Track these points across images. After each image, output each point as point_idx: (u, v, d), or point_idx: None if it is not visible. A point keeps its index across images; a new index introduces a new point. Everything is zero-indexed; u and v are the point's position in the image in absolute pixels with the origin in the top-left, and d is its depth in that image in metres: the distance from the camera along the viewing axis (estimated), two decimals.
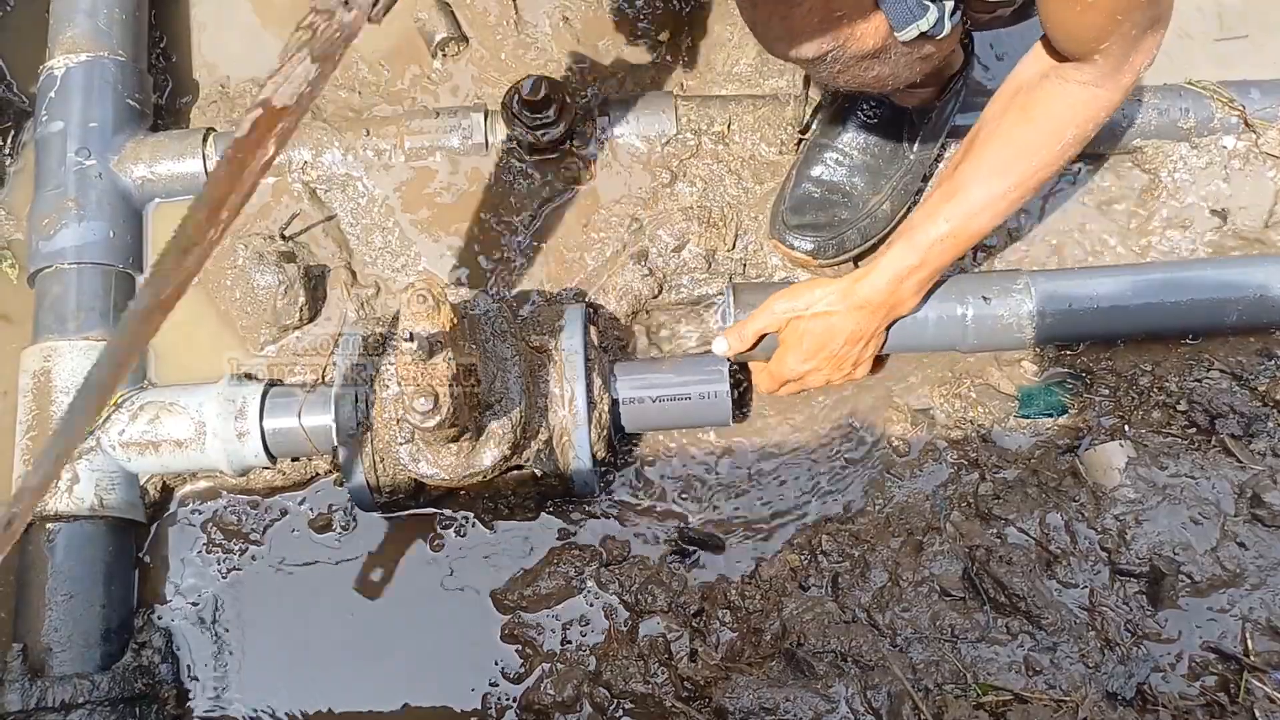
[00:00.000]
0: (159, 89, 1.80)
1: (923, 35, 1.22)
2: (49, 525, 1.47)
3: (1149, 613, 1.46)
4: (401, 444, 1.36)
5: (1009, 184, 1.31)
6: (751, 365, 1.58)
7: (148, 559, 1.58)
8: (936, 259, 1.38)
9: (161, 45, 1.85)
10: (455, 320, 1.24)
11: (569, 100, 1.65)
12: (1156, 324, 1.58)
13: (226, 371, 1.58)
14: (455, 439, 1.33)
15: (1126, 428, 1.56)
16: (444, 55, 1.82)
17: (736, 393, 1.57)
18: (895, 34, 1.21)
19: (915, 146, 1.60)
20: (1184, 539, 1.48)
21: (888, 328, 1.49)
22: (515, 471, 1.45)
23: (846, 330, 1.44)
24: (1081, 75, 1.23)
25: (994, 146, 1.31)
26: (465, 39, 1.82)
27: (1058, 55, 1.24)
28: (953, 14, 1.24)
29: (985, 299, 1.51)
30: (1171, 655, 1.44)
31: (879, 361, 1.56)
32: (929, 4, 1.19)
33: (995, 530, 1.51)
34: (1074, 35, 1.19)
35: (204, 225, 1.47)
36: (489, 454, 1.36)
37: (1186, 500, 1.50)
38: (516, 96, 1.62)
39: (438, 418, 1.21)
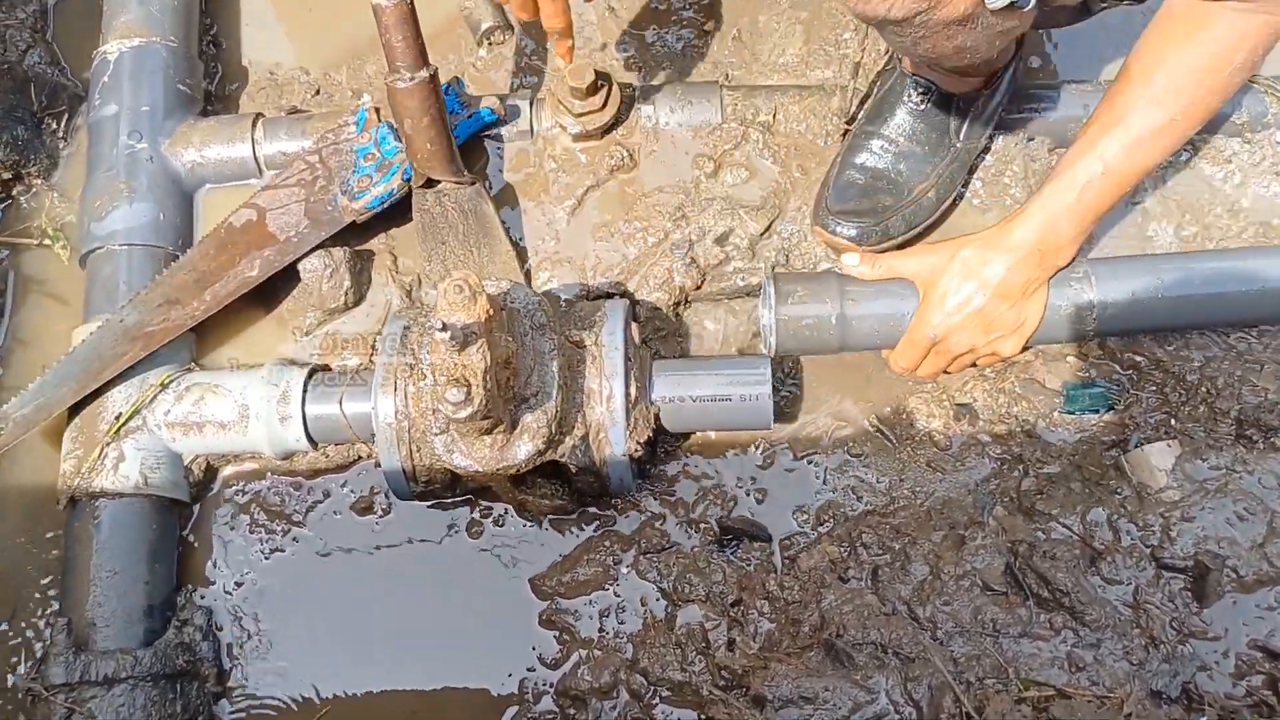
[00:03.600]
0: (209, 75, 1.82)
1: (1011, 5, 1.20)
2: (95, 502, 1.49)
3: (1194, 610, 1.43)
4: (436, 434, 1.36)
5: (1173, 114, 1.23)
6: (890, 358, 1.54)
7: (191, 538, 1.59)
8: (1095, 198, 1.30)
9: (212, 32, 1.87)
10: (492, 312, 1.23)
11: (615, 89, 1.66)
12: (1225, 314, 1.53)
13: (271, 356, 1.60)
14: (489, 431, 1.32)
15: (1173, 421, 1.54)
16: (489, 43, 1.82)
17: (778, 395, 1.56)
18: (986, 4, 1.20)
19: (962, 135, 1.58)
20: (1229, 534, 1.45)
21: (1047, 286, 1.39)
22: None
23: (996, 279, 1.35)
24: (1244, 2, 1.15)
25: (1156, 75, 1.23)
26: (510, 27, 1.83)
27: None
28: None
29: (1045, 289, 1.46)
30: (1218, 653, 1.42)
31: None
32: None
33: (1039, 525, 1.49)
34: None
35: (189, 287, 1.55)
36: (523, 447, 1.35)
37: (1232, 495, 1.47)
38: (563, 84, 1.62)
39: (470, 409, 1.21)
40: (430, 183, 1.58)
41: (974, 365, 1.52)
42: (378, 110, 1.62)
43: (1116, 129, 1.26)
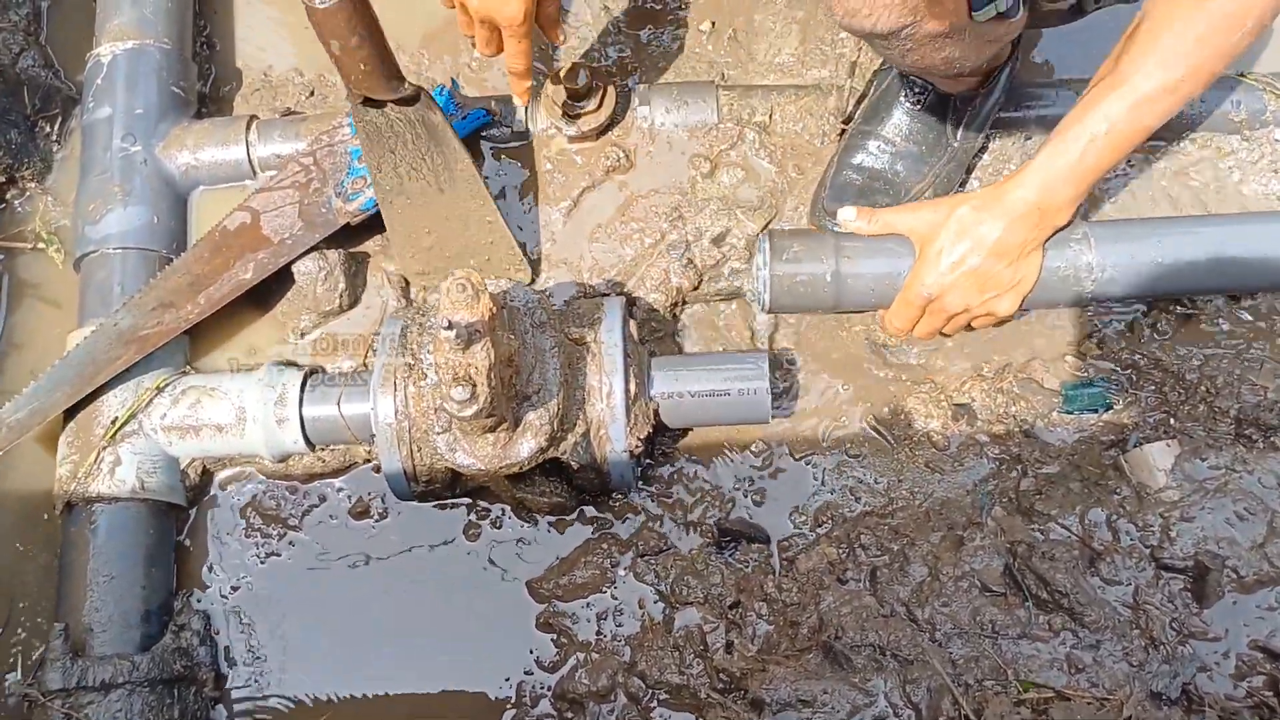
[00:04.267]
0: (203, 77, 1.82)
1: (998, 15, 1.19)
2: (92, 507, 1.48)
3: (1194, 610, 1.43)
4: (439, 433, 1.36)
5: (1179, 75, 1.21)
6: (885, 320, 1.52)
7: (187, 542, 1.59)
8: (1095, 158, 1.28)
9: (205, 34, 1.87)
10: (494, 310, 1.24)
11: (610, 89, 1.65)
12: (1228, 281, 1.51)
13: (267, 358, 1.60)
14: (492, 429, 1.33)
15: (1172, 421, 1.53)
16: None
17: (775, 391, 1.56)
18: (973, 14, 1.19)
19: (959, 135, 1.58)
20: (1229, 534, 1.45)
21: (1043, 247, 1.39)
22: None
23: (992, 238, 1.34)
24: None
25: (1163, 35, 1.21)
26: None
27: None
28: None
29: (1041, 250, 1.43)
30: (1218, 654, 1.42)
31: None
32: None
33: (1037, 526, 1.48)
34: None
35: (183, 290, 1.54)
36: (526, 445, 1.35)
37: (1232, 495, 1.47)
38: (558, 85, 1.62)
39: (475, 407, 1.21)
40: (370, 101, 1.46)
41: (969, 327, 1.50)
42: None
43: (1122, 88, 1.24)
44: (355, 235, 1.66)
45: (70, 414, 1.53)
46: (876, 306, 1.54)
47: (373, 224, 1.63)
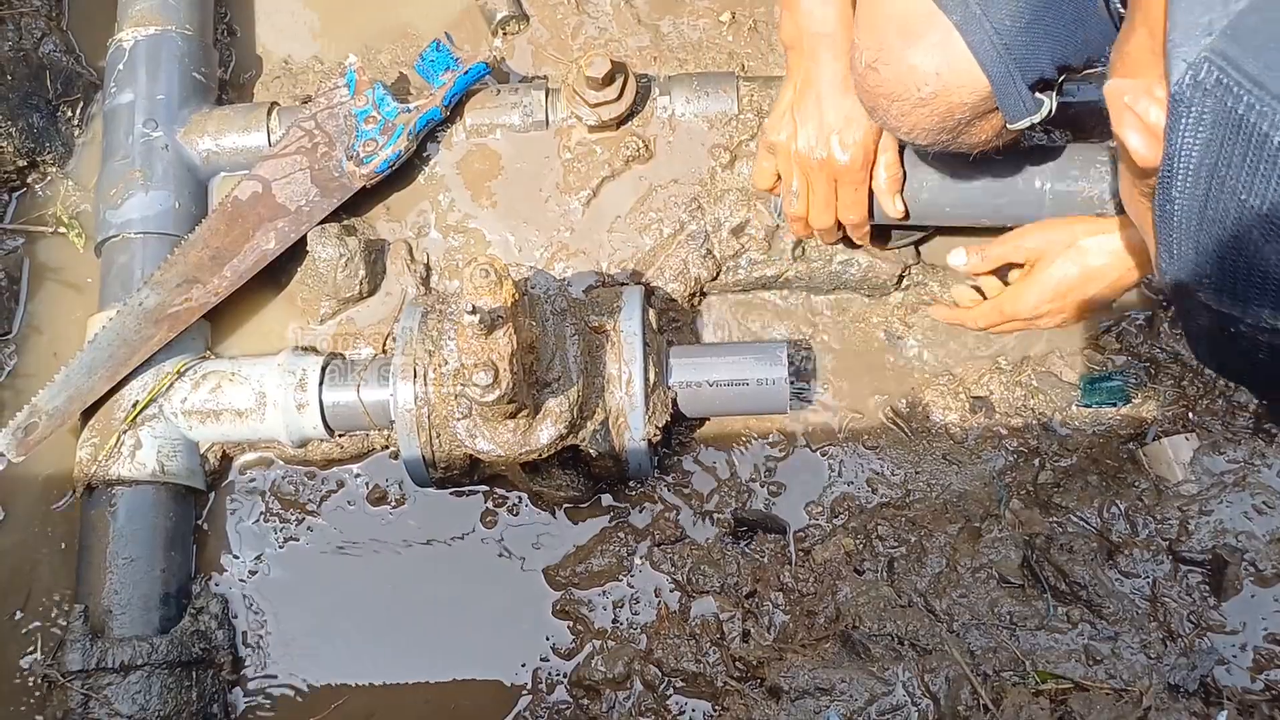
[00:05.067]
0: (223, 64, 1.82)
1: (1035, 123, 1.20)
2: (112, 490, 1.49)
3: (1212, 604, 1.43)
4: (459, 419, 1.36)
5: None
6: (946, 312, 1.47)
7: (206, 526, 1.59)
8: None
9: (226, 20, 1.87)
10: (516, 296, 1.24)
11: (630, 79, 1.65)
12: None
13: (288, 343, 1.60)
14: (513, 415, 1.33)
15: (1191, 414, 1.53)
16: (504, 33, 1.82)
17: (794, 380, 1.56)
18: (1008, 126, 1.20)
19: None
20: (1247, 528, 1.45)
21: None
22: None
23: (1094, 271, 1.31)
24: None
25: None
26: (526, 17, 1.83)
27: None
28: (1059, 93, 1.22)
29: (1067, 172, 1.41)
30: (1236, 647, 1.42)
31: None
32: (1043, 98, 1.17)
33: (1055, 518, 1.49)
34: None
35: (206, 265, 1.53)
36: (546, 432, 1.36)
37: (1250, 488, 1.47)
38: (579, 74, 1.62)
39: (497, 392, 1.21)
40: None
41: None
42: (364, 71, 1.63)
43: None
44: (372, 211, 1.68)
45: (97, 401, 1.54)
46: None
47: (386, 188, 1.64)
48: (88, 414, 1.54)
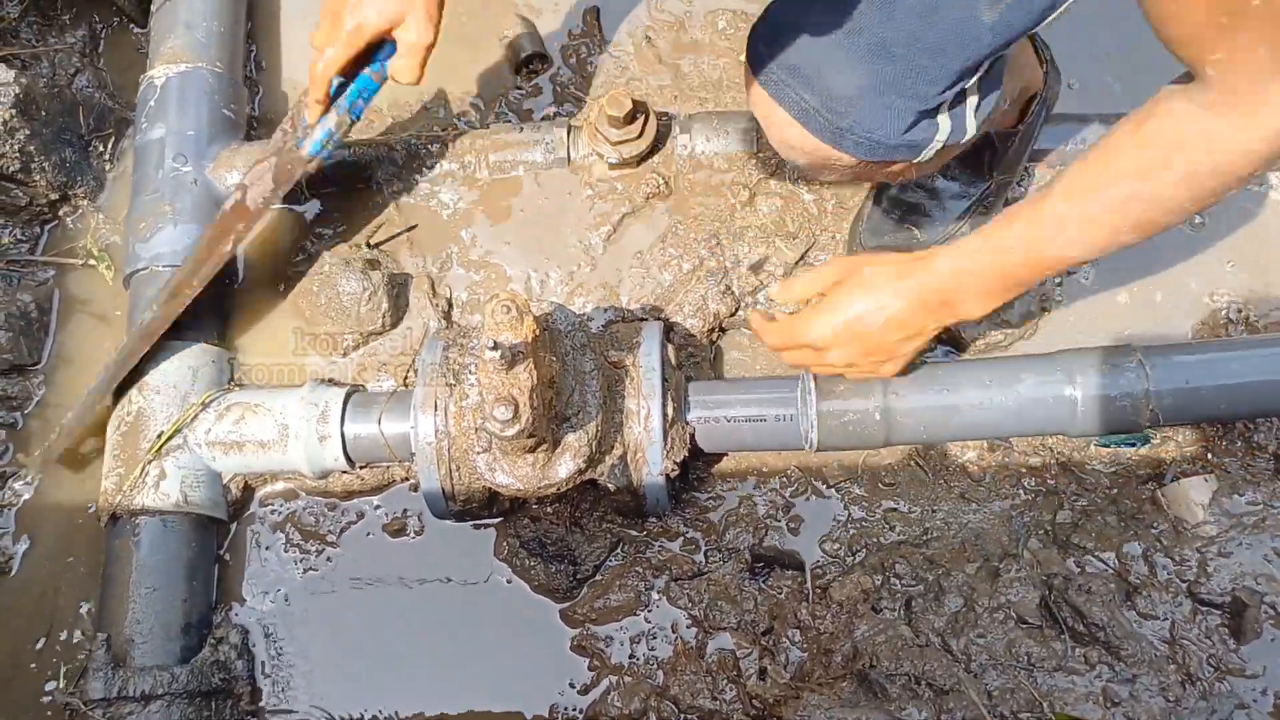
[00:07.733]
0: (251, 99, 1.85)
1: (945, 146, 1.22)
2: (136, 519, 1.51)
3: (1232, 647, 1.42)
4: (479, 453, 1.38)
5: (1098, 208, 1.09)
6: (755, 319, 1.41)
7: (228, 556, 1.61)
8: (1011, 270, 1.18)
9: (254, 56, 1.90)
10: (537, 332, 1.25)
11: (651, 117, 1.67)
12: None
13: (310, 376, 1.62)
14: (532, 450, 1.34)
15: (1210, 456, 1.53)
16: (528, 72, 1.85)
17: None
18: (915, 160, 1.23)
19: (996, 170, 1.59)
20: (1267, 570, 1.45)
21: (942, 333, 1.30)
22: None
23: (891, 311, 1.25)
24: (1195, 96, 0.99)
25: (1093, 160, 1.10)
26: (548, 57, 1.85)
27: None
28: (979, 109, 1.24)
29: (1094, 379, 1.38)
30: (1256, 691, 1.41)
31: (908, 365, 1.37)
32: (937, 120, 1.18)
33: (1074, 559, 1.48)
34: (1167, 26, 0.95)
35: (186, 278, 1.54)
36: (564, 466, 1.37)
37: (1270, 530, 1.47)
38: (601, 113, 1.64)
39: (517, 426, 1.22)
40: None
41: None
42: None
43: (1041, 208, 1.14)
44: (395, 245, 1.70)
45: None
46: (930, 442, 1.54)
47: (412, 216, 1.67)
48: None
